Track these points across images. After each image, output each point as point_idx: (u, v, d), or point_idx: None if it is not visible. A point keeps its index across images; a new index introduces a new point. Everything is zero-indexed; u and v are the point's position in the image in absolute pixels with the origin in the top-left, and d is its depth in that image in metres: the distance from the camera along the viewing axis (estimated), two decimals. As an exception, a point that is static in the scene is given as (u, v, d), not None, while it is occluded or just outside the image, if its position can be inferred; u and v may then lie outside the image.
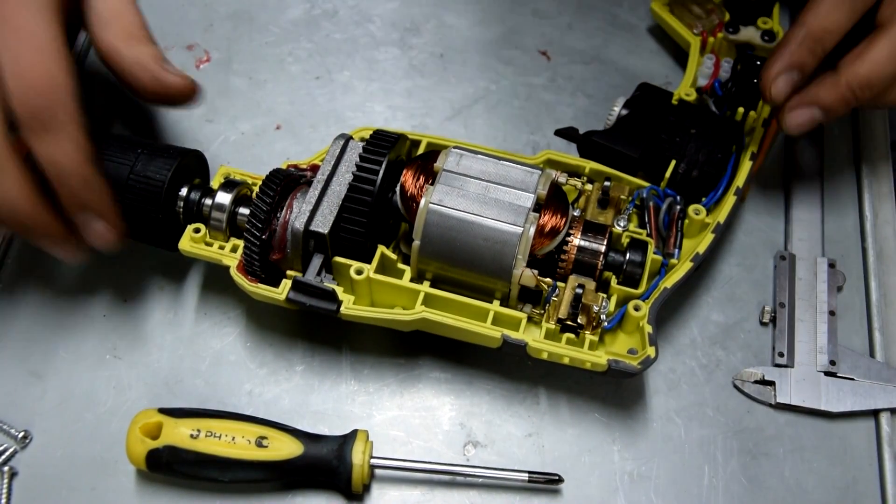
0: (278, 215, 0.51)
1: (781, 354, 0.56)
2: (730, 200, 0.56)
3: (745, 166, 0.58)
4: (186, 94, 0.52)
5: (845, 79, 0.54)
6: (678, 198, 0.56)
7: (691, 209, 0.56)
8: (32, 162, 0.47)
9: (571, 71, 0.69)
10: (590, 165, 0.57)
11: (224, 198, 0.53)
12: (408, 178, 0.52)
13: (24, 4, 0.46)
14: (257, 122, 0.66)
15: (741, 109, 0.60)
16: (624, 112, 0.60)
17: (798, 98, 0.55)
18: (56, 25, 0.47)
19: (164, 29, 0.69)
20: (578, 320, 0.51)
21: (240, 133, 0.65)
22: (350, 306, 0.51)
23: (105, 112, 0.65)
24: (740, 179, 0.57)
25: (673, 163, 0.57)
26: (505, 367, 0.56)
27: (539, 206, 0.51)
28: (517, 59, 0.70)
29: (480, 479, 0.52)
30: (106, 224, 0.49)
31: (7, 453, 0.52)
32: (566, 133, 0.60)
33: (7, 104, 0.45)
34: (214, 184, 0.54)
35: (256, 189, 0.53)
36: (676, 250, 0.55)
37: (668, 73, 0.69)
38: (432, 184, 0.51)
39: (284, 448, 0.49)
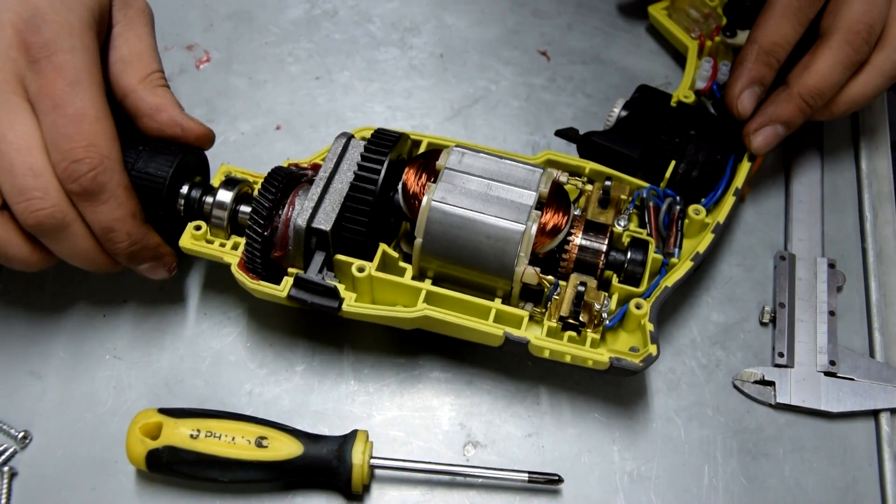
0: (280, 212, 0.51)
1: (781, 354, 0.56)
2: (729, 200, 0.56)
3: (744, 167, 0.58)
4: (203, 141, 0.54)
5: (797, 91, 0.57)
6: (678, 198, 0.56)
7: (691, 209, 0.56)
8: None
9: (571, 71, 0.69)
10: (590, 165, 0.57)
11: (225, 195, 0.53)
12: (410, 177, 0.52)
13: (61, 77, 0.47)
14: (257, 122, 0.66)
15: None
16: (623, 113, 0.60)
17: (759, 119, 0.58)
18: (96, 91, 0.48)
19: (164, 29, 0.68)
20: (580, 318, 0.51)
21: (240, 133, 0.65)
22: (352, 304, 0.51)
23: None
24: (739, 180, 0.57)
25: (673, 163, 0.57)
26: (505, 367, 0.56)
27: (541, 205, 0.51)
28: (517, 59, 0.70)
29: (480, 480, 0.52)
30: (159, 268, 0.53)
31: (7, 453, 0.52)
32: (566, 134, 0.60)
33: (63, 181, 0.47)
34: (215, 182, 0.54)
35: (257, 187, 0.53)
36: (676, 250, 0.55)
37: (668, 73, 0.69)
38: (434, 182, 0.51)
39: (284, 448, 0.49)
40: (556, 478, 0.51)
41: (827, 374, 0.55)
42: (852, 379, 0.55)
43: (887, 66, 0.58)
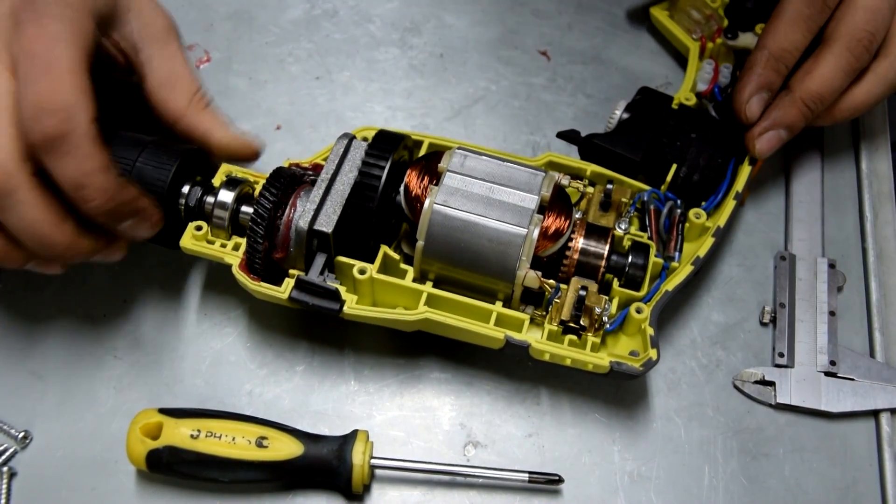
0: (281, 214, 0.51)
1: (781, 355, 0.56)
2: (729, 204, 0.56)
3: (745, 171, 0.58)
4: (254, 155, 0.56)
5: (799, 95, 0.57)
6: (678, 201, 0.56)
7: (692, 213, 0.56)
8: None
9: (571, 71, 0.69)
10: (591, 168, 0.57)
11: (227, 196, 0.52)
12: (412, 179, 0.52)
13: (43, 34, 0.46)
14: (257, 122, 0.66)
15: None
16: (625, 115, 0.60)
17: (763, 124, 0.58)
18: (75, 53, 0.47)
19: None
20: (581, 322, 0.51)
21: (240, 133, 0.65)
22: (353, 306, 0.51)
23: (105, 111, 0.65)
24: (740, 184, 0.57)
25: (674, 167, 0.57)
26: (505, 367, 0.56)
27: (543, 208, 0.51)
28: (517, 59, 0.70)
29: (480, 480, 0.52)
30: (142, 222, 0.50)
31: (7, 453, 0.52)
32: (568, 136, 0.60)
33: (27, 133, 0.46)
34: (216, 182, 0.54)
35: (258, 188, 0.53)
36: (677, 253, 0.55)
37: (668, 74, 0.69)
38: (436, 184, 0.51)
39: (284, 448, 0.49)
40: (557, 478, 0.51)
41: (827, 374, 0.55)
42: (852, 379, 0.55)
43: (889, 75, 0.59)
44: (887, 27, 0.58)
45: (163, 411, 0.50)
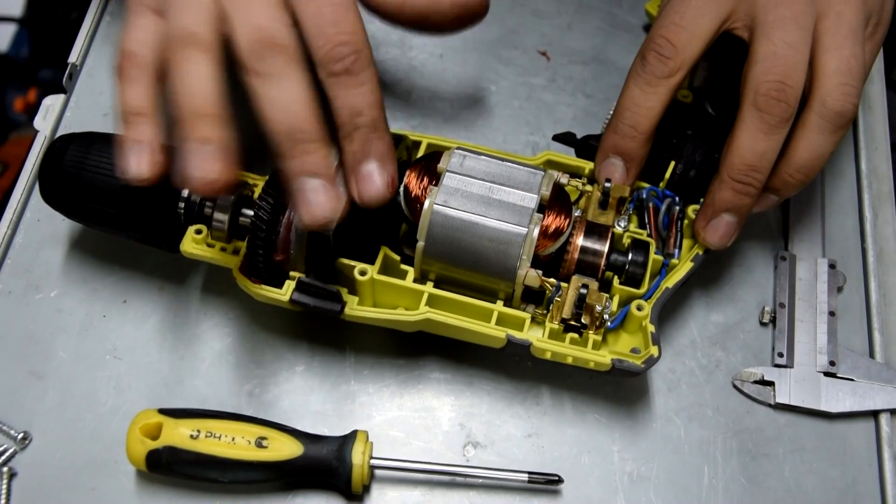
0: (281, 216, 0.51)
1: (781, 355, 0.56)
2: (729, 201, 0.56)
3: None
4: (482, 10, 0.57)
5: (726, 174, 0.52)
6: (677, 198, 0.56)
7: (690, 209, 0.56)
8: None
9: (571, 71, 0.69)
10: (590, 166, 0.57)
11: (226, 199, 0.52)
12: (411, 179, 0.52)
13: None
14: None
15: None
16: None
17: (702, 216, 0.54)
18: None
19: (163, 28, 0.69)
20: (582, 320, 0.51)
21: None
22: (354, 307, 0.51)
23: (105, 112, 0.65)
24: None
25: (672, 164, 0.57)
26: (504, 367, 0.56)
27: (543, 207, 0.51)
28: (517, 59, 0.70)
29: (480, 480, 0.52)
30: (381, 173, 0.49)
31: (7, 454, 0.52)
32: (564, 138, 0.60)
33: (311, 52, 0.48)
34: (215, 184, 0.54)
35: (258, 190, 0.53)
36: (676, 250, 0.55)
37: (668, 74, 0.69)
38: (436, 185, 0.51)
39: (284, 448, 0.49)
40: (556, 478, 0.51)
41: (827, 374, 0.55)
42: (852, 379, 0.55)
43: (821, 123, 0.52)
44: (800, 67, 0.51)
45: (162, 411, 0.50)
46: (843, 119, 0.52)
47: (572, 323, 0.51)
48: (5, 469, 0.52)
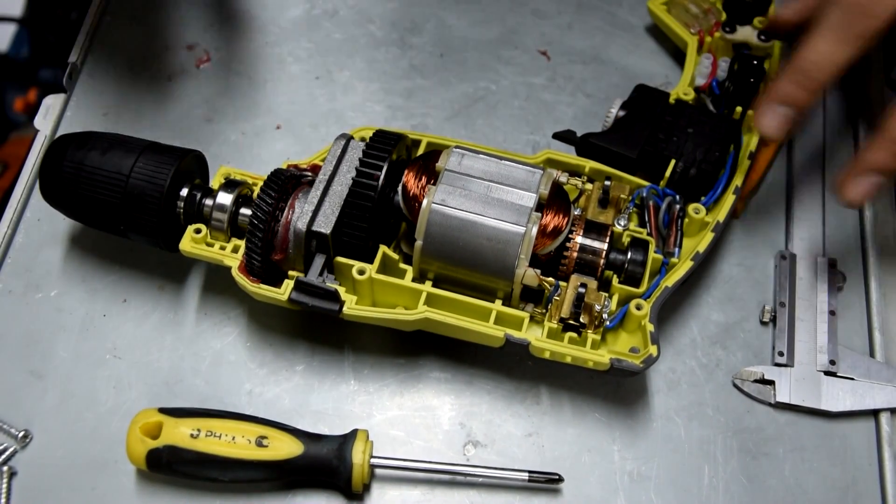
0: (280, 216, 0.51)
1: (781, 354, 0.56)
2: (729, 199, 0.56)
3: (744, 165, 0.58)
4: None
5: (890, 135, 0.51)
6: (677, 197, 0.56)
7: (691, 208, 0.56)
8: None
9: (571, 71, 0.69)
10: (589, 165, 0.57)
11: (225, 198, 0.53)
12: (410, 178, 0.52)
13: None
14: (257, 122, 0.66)
15: (739, 108, 0.60)
16: (621, 113, 0.60)
17: (849, 169, 0.52)
18: None
19: (164, 29, 0.69)
20: (581, 319, 0.51)
21: (240, 133, 0.65)
22: (352, 306, 0.51)
23: (105, 111, 0.65)
24: (739, 178, 0.57)
25: (672, 162, 0.57)
26: (505, 366, 0.56)
27: (541, 206, 0.51)
28: (517, 59, 0.70)
29: (480, 479, 0.52)
30: None
31: (7, 453, 0.52)
32: (564, 136, 0.60)
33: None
34: (214, 184, 0.54)
35: (257, 189, 0.53)
36: (676, 249, 0.55)
37: (668, 73, 0.69)
38: (434, 184, 0.51)
39: (284, 448, 0.49)
40: (557, 477, 0.51)
41: (827, 373, 0.55)
42: (852, 378, 0.55)
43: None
44: None
45: (163, 411, 0.50)
46: None
47: (571, 322, 0.51)
48: (6, 468, 0.52)
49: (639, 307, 0.51)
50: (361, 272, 0.51)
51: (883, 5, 0.50)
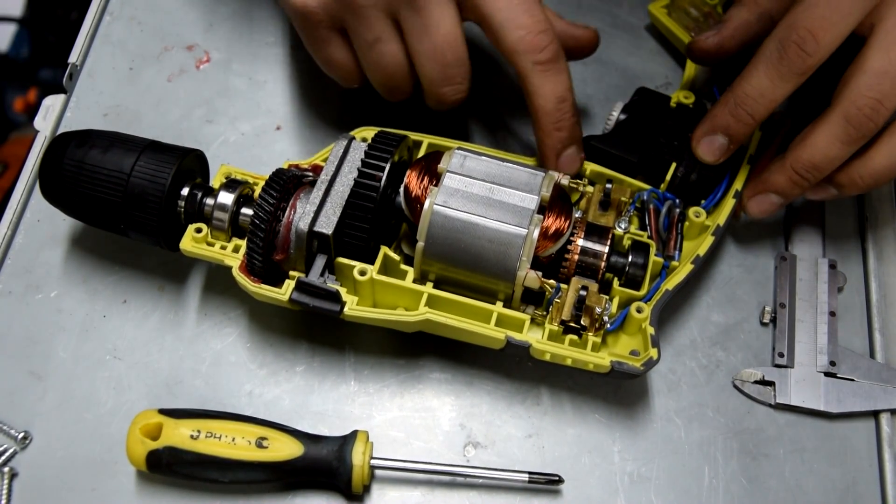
0: (281, 216, 0.51)
1: (781, 355, 0.56)
2: (729, 203, 0.56)
3: (745, 169, 0.58)
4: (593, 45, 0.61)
5: (790, 162, 0.54)
6: (678, 200, 0.56)
7: (691, 212, 0.56)
8: None
9: (571, 71, 0.69)
10: (590, 167, 0.57)
11: (226, 198, 0.52)
12: (412, 180, 0.52)
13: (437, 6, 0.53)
14: (257, 123, 0.66)
15: None
16: (622, 117, 0.60)
17: (753, 186, 0.57)
18: (457, 17, 0.54)
19: (164, 29, 0.69)
20: (581, 322, 0.51)
21: (240, 133, 0.65)
22: (353, 307, 0.51)
23: (105, 112, 0.65)
24: (739, 182, 0.57)
25: (673, 166, 0.57)
26: (505, 368, 0.56)
27: (543, 209, 0.51)
28: (517, 59, 0.69)
29: (480, 480, 0.52)
30: (577, 153, 0.56)
31: (7, 454, 0.52)
32: None
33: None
34: (215, 183, 0.54)
35: (258, 189, 0.53)
36: (677, 252, 0.55)
37: (668, 74, 0.69)
38: (436, 185, 0.51)
39: (284, 449, 0.49)
40: (557, 478, 0.51)
41: (827, 374, 0.55)
42: (852, 379, 0.55)
43: None
44: None
45: (163, 412, 0.50)
46: None
47: (572, 325, 0.51)
48: (6, 469, 0.52)
49: (639, 310, 0.51)
50: (363, 273, 0.51)
51: (819, 43, 0.50)
